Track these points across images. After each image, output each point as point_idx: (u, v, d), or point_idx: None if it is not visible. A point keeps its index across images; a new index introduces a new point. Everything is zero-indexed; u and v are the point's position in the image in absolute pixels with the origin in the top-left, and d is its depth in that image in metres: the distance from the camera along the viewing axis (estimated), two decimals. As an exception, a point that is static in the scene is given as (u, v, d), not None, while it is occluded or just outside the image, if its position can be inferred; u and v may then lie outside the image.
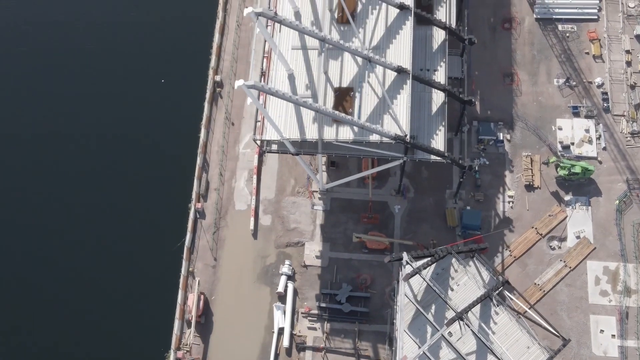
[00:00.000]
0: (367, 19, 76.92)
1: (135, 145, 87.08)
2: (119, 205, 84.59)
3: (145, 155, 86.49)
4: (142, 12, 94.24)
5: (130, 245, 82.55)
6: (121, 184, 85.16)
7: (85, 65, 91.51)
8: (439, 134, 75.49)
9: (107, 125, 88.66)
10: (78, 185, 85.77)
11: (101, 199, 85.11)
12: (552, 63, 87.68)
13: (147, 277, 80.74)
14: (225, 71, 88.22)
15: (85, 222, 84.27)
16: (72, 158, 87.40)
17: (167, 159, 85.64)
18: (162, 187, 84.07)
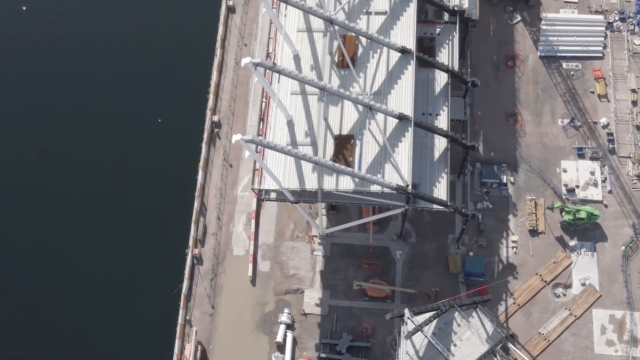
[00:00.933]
0: (368, 63, 75.28)
1: (130, 189, 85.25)
2: (114, 250, 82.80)
3: (141, 199, 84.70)
4: (138, 49, 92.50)
5: (126, 293, 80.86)
6: (116, 230, 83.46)
7: (79, 105, 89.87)
8: (442, 182, 73.85)
9: (101, 166, 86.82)
10: (71, 236, 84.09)
11: (96, 243, 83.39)
12: (556, 102, 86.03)
13: (142, 326, 79.03)
14: (224, 111, 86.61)
15: (79, 271, 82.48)
16: (64, 208, 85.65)
17: (163, 202, 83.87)
18: (158, 232, 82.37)
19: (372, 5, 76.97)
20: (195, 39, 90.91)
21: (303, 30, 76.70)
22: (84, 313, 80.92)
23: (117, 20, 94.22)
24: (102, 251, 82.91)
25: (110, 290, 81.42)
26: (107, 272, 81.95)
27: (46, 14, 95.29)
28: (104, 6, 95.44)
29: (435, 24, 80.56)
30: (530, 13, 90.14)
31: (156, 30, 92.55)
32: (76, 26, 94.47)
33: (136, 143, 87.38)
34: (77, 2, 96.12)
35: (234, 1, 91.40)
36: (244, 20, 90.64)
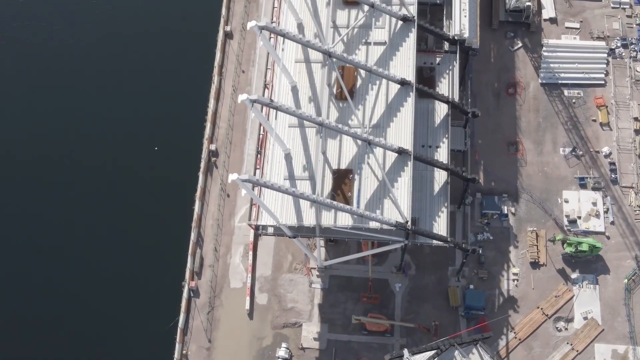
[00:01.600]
0: (367, 95, 74.13)
1: (124, 220, 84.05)
2: (109, 283, 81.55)
3: (136, 230, 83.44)
4: (134, 74, 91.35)
5: (121, 327, 79.72)
6: (110, 262, 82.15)
7: (74, 133, 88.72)
8: (442, 216, 72.80)
9: (95, 197, 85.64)
10: (65, 266, 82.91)
11: (91, 276, 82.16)
12: (558, 131, 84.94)
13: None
14: (221, 139, 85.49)
15: (75, 304, 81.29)
16: (59, 236, 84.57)
17: (159, 233, 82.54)
18: (154, 264, 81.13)
19: (371, 35, 75.83)
20: (192, 65, 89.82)
21: (301, 61, 75.65)
22: (78, 346, 79.77)
23: (112, 46, 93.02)
24: (97, 284, 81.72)
25: (105, 324, 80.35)
26: (102, 306, 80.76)
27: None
28: (97, 36, 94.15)
29: (435, 54, 79.64)
30: (531, 39, 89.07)
31: (152, 57, 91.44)
32: (72, 57, 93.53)
33: (131, 172, 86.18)
34: (73, 35, 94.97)
35: (232, 27, 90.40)
36: (242, 46, 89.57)
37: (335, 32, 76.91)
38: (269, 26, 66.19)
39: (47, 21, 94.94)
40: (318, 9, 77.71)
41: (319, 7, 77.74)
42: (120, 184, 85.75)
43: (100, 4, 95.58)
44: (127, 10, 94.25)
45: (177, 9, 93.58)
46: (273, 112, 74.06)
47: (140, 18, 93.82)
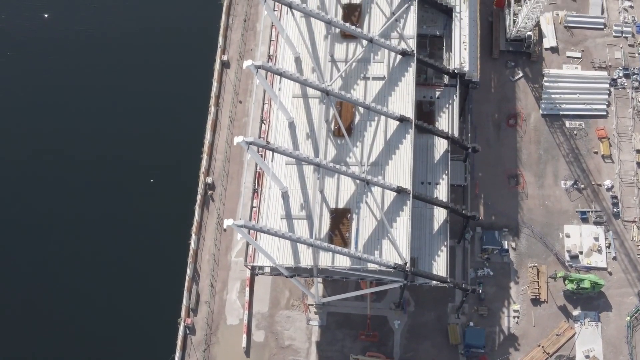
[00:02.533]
0: (365, 132, 73.04)
1: (119, 255, 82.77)
2: (103, 321, 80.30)
3: (130, 265, 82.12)
4: (130, 105, 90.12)
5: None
6: (105, 298, 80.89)
7: (68, 168, 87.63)
8: (441, 255, 71.69)
9: (89, 232, 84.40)
10: (59, 304, 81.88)
11: (84, 312, 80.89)
12: (559, 163, 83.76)
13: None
14: (217, 171, 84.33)
15: (67, 347, 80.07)
16: (48, 271, 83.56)
17: (154, 269, 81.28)
18: (149, 300, 79.89)
19: (370, 70, 74.81)
20: (188, 95, 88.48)
21: (299, 96, 74.56)
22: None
23: (108, 76, 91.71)
24: (93, 319, 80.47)
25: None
26: (97, 342, 79.53)
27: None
28: (92, 69, 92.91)
29: (435, 87, 78.55)
30: (532, 69, 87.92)
31: (148, 87, 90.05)
32: (67, 92, 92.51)
33: (126, 205, 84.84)
34: (68, 66, 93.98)
35: (229, 56, 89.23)
36: (239, 76, 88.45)
37: (333, 66, 75.84)
38: (265, 65, 65.13)
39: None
40: (316, 42, 76.70)
41: (316, 40, 76.73)
42: (114, 217, 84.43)
43: (95, 37, 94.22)
44: (123, 40, 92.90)
45: (173, 38, 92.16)
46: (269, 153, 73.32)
47: (136, 48, 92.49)
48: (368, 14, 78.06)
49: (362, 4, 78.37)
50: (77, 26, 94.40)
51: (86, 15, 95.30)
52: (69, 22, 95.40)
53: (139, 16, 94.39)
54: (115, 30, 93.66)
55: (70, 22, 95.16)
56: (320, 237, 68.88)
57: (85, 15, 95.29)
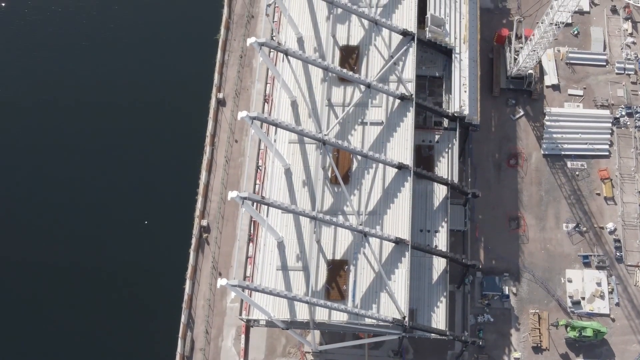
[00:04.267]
0: (363, 179, 71.48)
1: (111, 301, 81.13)
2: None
3: (124, 313, 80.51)
4: (124, 144, 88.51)
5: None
6: (99, 347, 79.31)
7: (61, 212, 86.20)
8: (440, 306, 70.18)
9: (80, 279, 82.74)
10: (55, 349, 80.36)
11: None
12: (560, 205, 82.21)
13: None
14: (213, 214, 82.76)
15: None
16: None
17: (149, 316, 79.76)
18: (143, 349, 78.30)
19: (368, 114, 73.33)
20: (183, 135, 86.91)
21: (295, 142, 73.06)
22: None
23: (99, 119, 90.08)
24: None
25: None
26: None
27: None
28: (85, 114, 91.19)
29: (434, 130, 77.01)
30: (533, 107, 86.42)
31: (143, 126, 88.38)
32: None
33: (119, 249, 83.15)
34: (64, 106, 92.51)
35: (224, 93, 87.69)
36: (235, 114, 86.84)
37: (330, 111, 74.32)
38: (260, 117, 63.75)
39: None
40: (313, 85, 75.29)
41: (313, 83, 75.32)
42: (107, 260, 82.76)
43: (87, 75, 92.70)
44: (116, 77, 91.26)
45: (168, 75, 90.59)
46: (266, 195, 71.84)
47: (130, 85, 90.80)
48: (366, 56, 76.56)
49: (360, 46, 76.90)
50: (70, 64, 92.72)
51: (79, 53, 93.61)
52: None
53: (133, 51, 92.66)
54: (108, 66, 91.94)
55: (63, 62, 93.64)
56: (317, 289, 67.49)
57: (78, 53, 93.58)
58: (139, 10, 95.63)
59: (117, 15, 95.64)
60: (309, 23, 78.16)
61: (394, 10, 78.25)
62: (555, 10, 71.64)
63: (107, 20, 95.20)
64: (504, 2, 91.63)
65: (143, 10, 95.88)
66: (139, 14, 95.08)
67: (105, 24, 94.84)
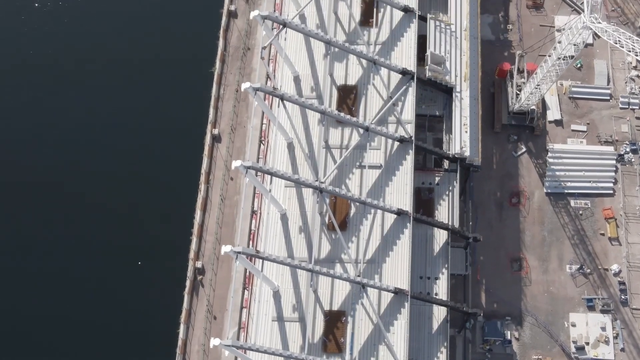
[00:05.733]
0: (362, 225, 69.62)
1: (104, 347, 79.14)
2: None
3: (117, 358, 78.75)
4: (121, 183, 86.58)
5: None
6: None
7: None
8: (441, 357, 68.43)
9: (71, 329, 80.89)
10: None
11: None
12: (564, 246, 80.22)
13: None
14: (207, 254, 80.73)
15: None
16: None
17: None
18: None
19: (366, 157, 71.42)
20: (177, 173, 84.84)
21: (291, 186, 71.17)
22: None
23: (91, 161, 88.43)
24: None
25: None
26: None
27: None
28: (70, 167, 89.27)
29: (434, 172, 75.17)
30: (535, 143, 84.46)
31: (135, 168, 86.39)
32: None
33: (112, 291, 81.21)
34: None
35: (220, 129, 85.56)
36: (230, 151, 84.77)
37: (327, 153, 72.50)
38: (255, 166, 62.31)
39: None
40: (309, 127, 73.51)
41: (310, 125, 73.55)
42: (100, 304, 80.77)
43: (79, 118, 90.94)
44: (109, 115, 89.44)
45: (162, 111, 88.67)
46: (261, 244, 70.12)
47: (122, 124, 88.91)
48: (364, 96, 74.81)
49: (358, 85, 75.15)
50: (61, 105, 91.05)
51: (74, 95, 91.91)
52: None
53: (125, 86, 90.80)
54: (101, 106, 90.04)
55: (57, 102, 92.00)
56: (314, 341, 65.66)
57: (73, 96, 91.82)
58: (132, 43, 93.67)
59: (110, 48, 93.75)
60: (306, 61, 76.41)
61: (392, 49, 76.51)
62: (565, 45, 69.43)
63: (97, 54, 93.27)
64: (505, 34, 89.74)
65: (136, 42, 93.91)
66: (132, 47, 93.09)
67: (96, 59, 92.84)
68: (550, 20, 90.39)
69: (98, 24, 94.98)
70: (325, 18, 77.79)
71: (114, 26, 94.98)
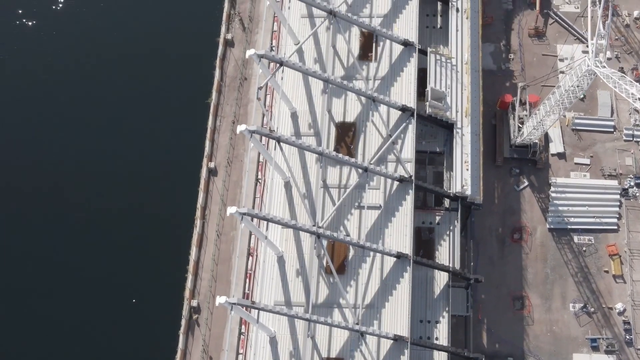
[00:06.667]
0: (360, 269, 68.03)
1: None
2: None
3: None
4: (114, 219, 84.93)
5: None
6: None
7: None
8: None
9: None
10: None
11: None
12: (567, 284, 78.54)
13: None
14: (203, 292, 78.98)
15: None
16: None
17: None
18: None
19: (365, 197, 69.77)
20: (172, 208, 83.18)
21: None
22: None
23: (84, 193, 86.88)
24: None
25: None
26: None
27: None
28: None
29: (435, 211, 73.40)
30: (538, 177, 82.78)
31: (127, 203, 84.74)
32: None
33: (105, 330, 79.48)
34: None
35: (216, 162, 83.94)
36: (227, 185, 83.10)
37: (325, 193, 70.86)
38: (251, 212, 60.58)
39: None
40: (307, 165, 71.93)
41: (308, 163, 71.98)
42: (93, 345, 79.08)
43: (71, 153, 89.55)
44: (102, 151, 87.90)
45: (157, 145, 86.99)
46: (257, 288, 68.54)
47: (118, 155, 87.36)
48: (363, 133, 73.21)
49: (357, 123, 73.52)
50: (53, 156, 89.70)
51: (65, 129, 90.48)
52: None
53: (119, 119, 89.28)
54: (92, 139, 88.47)
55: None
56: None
57: (64, 130, 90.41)
58: (126, 73, 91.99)
59: (102, 80, 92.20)
60: (304, 97, 74.87)
61: (392, 84, 74.91)
62: (568, 87, 67.70)
63: (88, 86, 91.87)
64: (507, 63, 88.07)
65: (130, 71, 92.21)
66: (126, 78, 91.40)
67: (86, 96, 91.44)
68: (552, 49, 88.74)
69: (88, 57, 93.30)
70: (323, 52, 76.26)
71: (107, 59, 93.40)
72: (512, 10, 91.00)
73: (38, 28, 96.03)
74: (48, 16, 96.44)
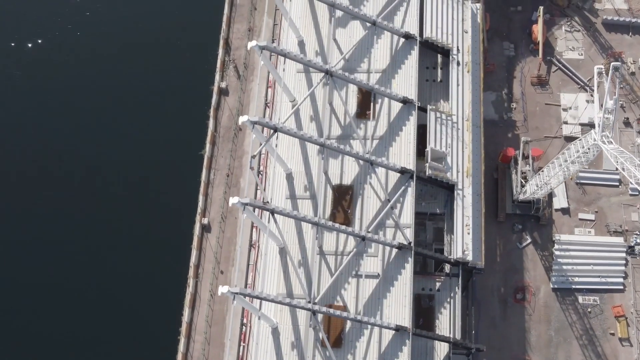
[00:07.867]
0: (357, 342, 65.58)
1: None
2: None
3: None
4: (105, 284, 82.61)
5: None
6: None
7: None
8: None
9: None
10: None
11: None
12: (572, 347, 76.17)
13: None
14: (196, 356, 76.44)
15: None
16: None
17: None
18: None
19: (362, 266, 67.33)
20: (164, 267, 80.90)
21: (284, 296, 67.01)
22: None
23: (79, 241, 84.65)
24: None
25: None
26: None
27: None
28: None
29: (435, 277, 70.89)
30: (541, 233, 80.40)
31: (119, 265, 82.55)
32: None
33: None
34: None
35: (210, 218, 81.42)
36: (221, 241, 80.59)
37: (322, 260, 68.42)
38: (244, 291, 59.67)
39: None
40: (303, 231, 69.41)
41: (304, 229, 69.41)
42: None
43: (65, 181, 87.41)
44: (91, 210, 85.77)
45: (149, 200, 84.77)
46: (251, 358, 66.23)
47: (110, 210, 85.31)
48: (361, 196, 70.75)
49: (354, 186, 71.06)
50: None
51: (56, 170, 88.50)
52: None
53: (113, 174, 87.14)
54: (83, 193, 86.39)
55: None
56: None
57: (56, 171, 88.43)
58: (118, 123, 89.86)
59: (92, 129, 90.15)
60: (299, 157, 72.52)
61: (391, 143, 72.50)
62: (573, 157, 65.27)
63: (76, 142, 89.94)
64: (509, 112, 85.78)
65: (122, 119, 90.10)
66: (118, 128, 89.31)
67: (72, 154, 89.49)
68: (555, 98, 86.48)
69: (77, 114, 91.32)
70: (319, 109, 73.92)
71: (100, 107, 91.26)
72: (514, 56, 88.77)
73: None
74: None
